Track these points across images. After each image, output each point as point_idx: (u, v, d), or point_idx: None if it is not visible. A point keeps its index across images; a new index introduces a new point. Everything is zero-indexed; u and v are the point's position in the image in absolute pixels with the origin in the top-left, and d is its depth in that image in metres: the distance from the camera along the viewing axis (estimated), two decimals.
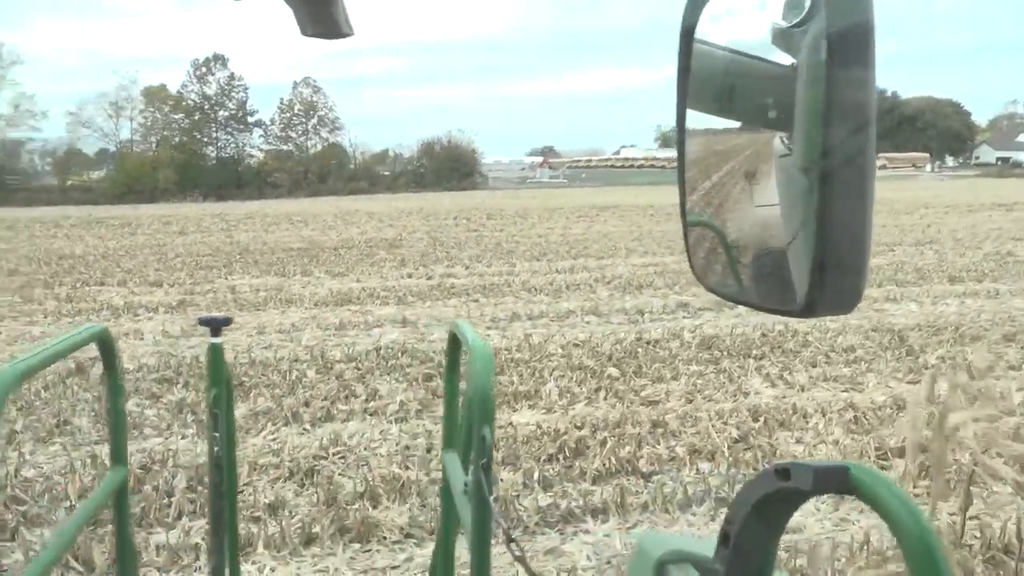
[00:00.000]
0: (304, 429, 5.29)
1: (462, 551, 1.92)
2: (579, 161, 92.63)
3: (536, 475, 4.30)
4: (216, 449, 2.34)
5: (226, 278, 12.98)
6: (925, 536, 0.55)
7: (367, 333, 8.46)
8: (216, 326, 2.39)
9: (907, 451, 3.66)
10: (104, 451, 4.89)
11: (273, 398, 5.92)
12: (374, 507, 4.01)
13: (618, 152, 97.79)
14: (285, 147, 57.70)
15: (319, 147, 57.99)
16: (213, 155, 56.13)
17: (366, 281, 12.39)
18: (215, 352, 2.36)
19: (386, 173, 59.95)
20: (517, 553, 1.28)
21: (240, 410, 5.68)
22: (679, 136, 0.67)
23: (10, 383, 1.29)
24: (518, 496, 4.04)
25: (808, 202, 0.52)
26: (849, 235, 0.51)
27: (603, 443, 4.71)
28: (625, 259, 14.57)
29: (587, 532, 3.73)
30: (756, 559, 0.64)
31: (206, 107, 56.21)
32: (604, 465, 4.37)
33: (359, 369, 6.79)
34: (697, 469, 4.38)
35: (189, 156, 53.98)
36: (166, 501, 4.05)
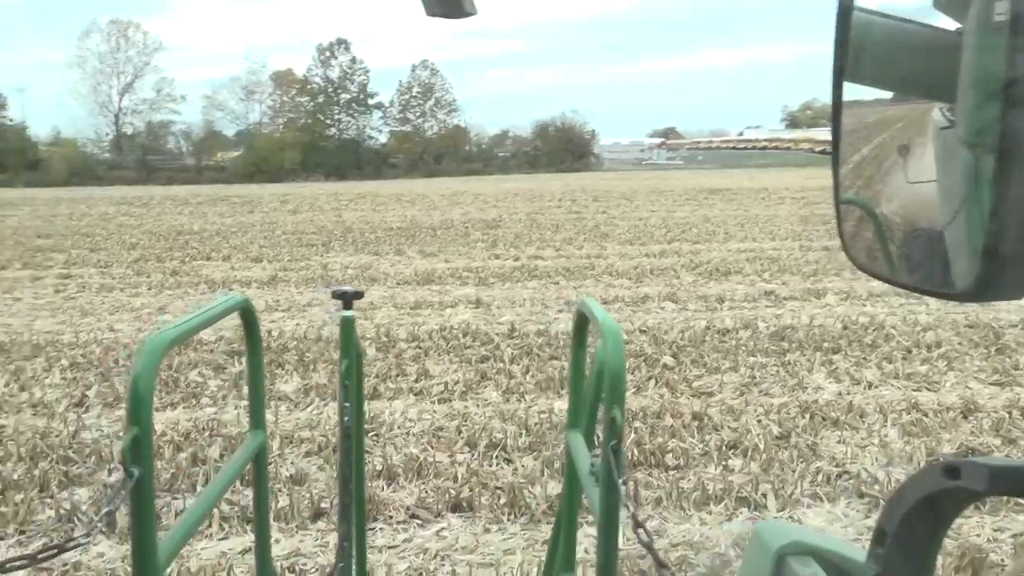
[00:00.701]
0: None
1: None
2: (699, 142, 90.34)
3: (556, 463, 4.23)
4: (346, 419, 2.40)
5: (322, 256, 13.42)
6: None
7: (439, 313, 8.55)
8: (348, 299, 2.42)
9: None
10: (161, 418, 5.17)
11: (327, 374, 6.07)
12: (389, 486, 4.05)
13: (741, 133, 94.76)
14: (402, 128, 59.06)
15: (435, 128, 59.07)
16: (335, 136, 58.09)
17: (454, 261, 12.52)
18: (346, 324, 2.40)
19: (504, 154, 60.41)
20: (644, 539, 1.25)
21: (293, 384, 5.88)
22: (834, 111, 0.64)
23: (161, 348, 1.37)
24: (528, 483, 3.99)
25: (974, 179, 0.48)
26: None
27: (634, 433, 4.59)
28: (722, 244, 14.12)
29: (592, 524, 3.63)
30: (915, 562, 0.59)
31: (329, 90, 58.22)
32: (628, 457, 4.25)
33: (420, 348, 6.87)
34: (725, 466, 4.19)
35: (313, 137, 56.10)
36: (196, 468, 4.22)
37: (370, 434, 4.82)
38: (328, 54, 58.46)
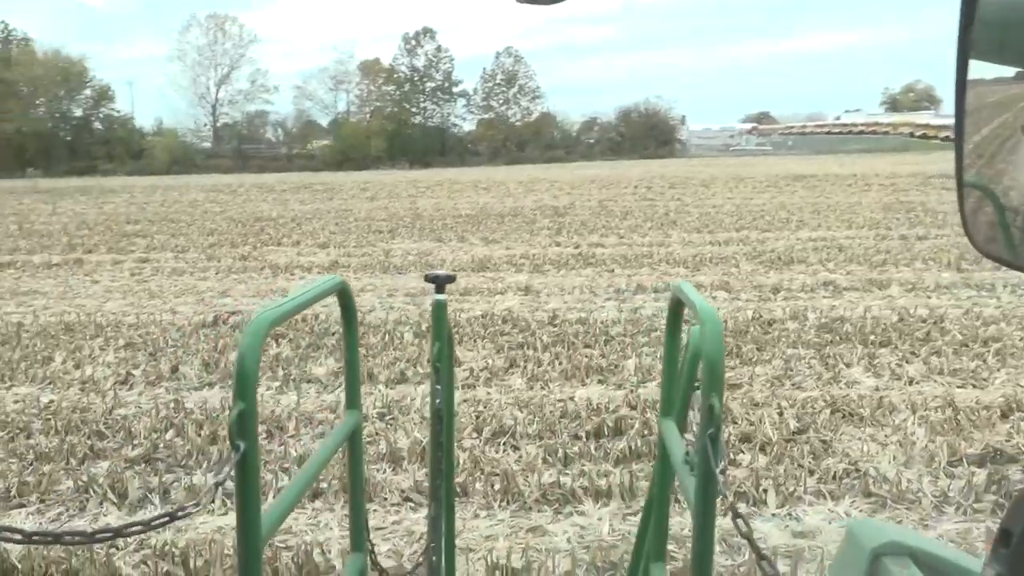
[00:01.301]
0: (375, 389, 5.49)
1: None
2: (792, 127, 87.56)
3: (560, 451, 4.21)
4: (437, 401, 2.41)
5: (387, 242, 13.66)
6: None
7: (487, 300, 8.59)
8: (440, 283, 2.43)
9: None
10: (196, 397, 5.38)
11: (362, 358, 6.18)
12: (392, 469, 4.11)
13: (838, 118, 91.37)
14: (486, 116, 59.50)
15: (518, 115, 59.26)
16: (420, 124, 58.94)
17: (515, 248, 12.54)
18: (438, 308, 2.40)
19: (590, 141, 60.18)
20: (744, 530, 1.24)
21: (327, 367, 6.02)
22: (958, 90, 0.63)
23: (265, 326, 1.43)
24: (527, 471, 3.98)
25: None
26: None
27: (645, 424, 4.52)
28: (793, 232, 13.68)
29: (582, 514, 3.60)
30: None
31: (415, 79, 59.09)
32: (631, 448, 4.19)
33: (458, 334, 6.92)
34: (732, 460, 4.08)
35: (398, 125, 57.08)
36: (212, 447, 4.38)
37: (386, 418, 4.91)
38: (414, 43, 59.33)
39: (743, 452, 4.20)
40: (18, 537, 1.25)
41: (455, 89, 59.73)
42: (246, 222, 17.59)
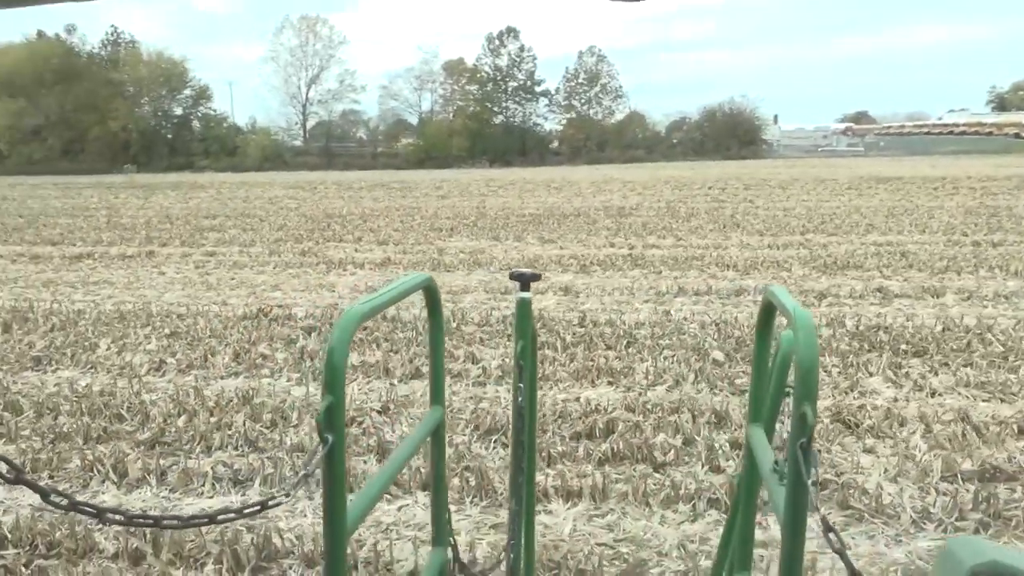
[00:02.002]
0: (390, 383, 5.62)
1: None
2: (890, 127, 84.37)
3: (546, 451, 4.23)
4: (520, 399, 2.41)
5: (444, 240, 13.86)
6: None
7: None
8: (525, 281, 2.42)
9: None
10: (217, 387, 5.62)
11: (383, 352, 6.33)
12: (377, 461, 4.21)
13: (941, 117, 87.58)
14: (567, 115, 59.49)
15: (600, 115, 59.01)
16: (503, 123, 59.37)
17: (569, 248, 12.55)
18: (523, 306, 2.40)
19: (675, 142, 59.53)
20: (836, 546, 1.20)
21: (350, 360, 6.18)
22: None
23: (354, 321, 1.47)
24: (504, 468, 4.02)
25: None
26: None
27: (636, 427, 4.49)
28: (860, 237, 13.23)
29: (550, 513, 3.63)
30: None
31: (498, 78, 59.58)
32: (613, 450, 4.17)
33: (485, 332, 7.00)
34: (717, 466, 4.02)
35: (480, 125, 57.67)
36: (217, 432, 4.58)
37: (390, 411, 5.03)
38: (497, 43, 59.76)
39: (731, 460, 4.13)
40: (120, 518, 1.35)
41: (537, 88, 59.96)
42: (317, 218, 18.12)
